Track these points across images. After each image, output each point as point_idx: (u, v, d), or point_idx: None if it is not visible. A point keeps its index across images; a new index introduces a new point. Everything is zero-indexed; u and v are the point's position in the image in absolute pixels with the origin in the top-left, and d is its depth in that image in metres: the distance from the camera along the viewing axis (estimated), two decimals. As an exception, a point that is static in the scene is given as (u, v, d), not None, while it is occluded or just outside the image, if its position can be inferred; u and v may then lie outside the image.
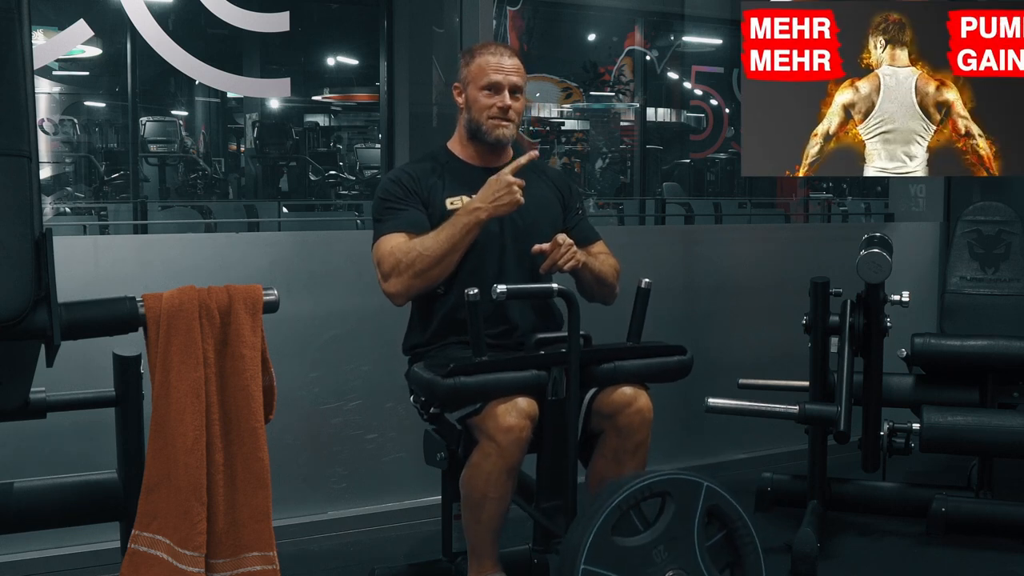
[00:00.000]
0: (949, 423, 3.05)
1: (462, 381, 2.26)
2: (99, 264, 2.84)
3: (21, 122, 1.75)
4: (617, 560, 2.05)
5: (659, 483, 2.10)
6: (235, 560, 2.02)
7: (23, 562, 2.76)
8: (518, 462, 2.30)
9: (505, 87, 2.53)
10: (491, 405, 2.28)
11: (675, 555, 2.09)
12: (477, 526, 2.35)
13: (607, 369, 2.39)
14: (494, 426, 2.26)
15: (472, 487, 2.32)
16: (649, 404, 2.41)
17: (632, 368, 2.42)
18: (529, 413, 2.28)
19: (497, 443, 2.26)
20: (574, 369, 2.31)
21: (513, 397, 2.28)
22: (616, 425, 2.40)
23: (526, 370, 2.31)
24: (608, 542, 2.04)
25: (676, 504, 2.10)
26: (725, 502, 2.14)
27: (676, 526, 2.10)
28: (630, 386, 2.40)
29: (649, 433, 2.41)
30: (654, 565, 2.07)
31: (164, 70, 5.01)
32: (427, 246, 2.41)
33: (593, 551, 2.02)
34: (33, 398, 1.96)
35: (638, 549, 2.07)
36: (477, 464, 2.30)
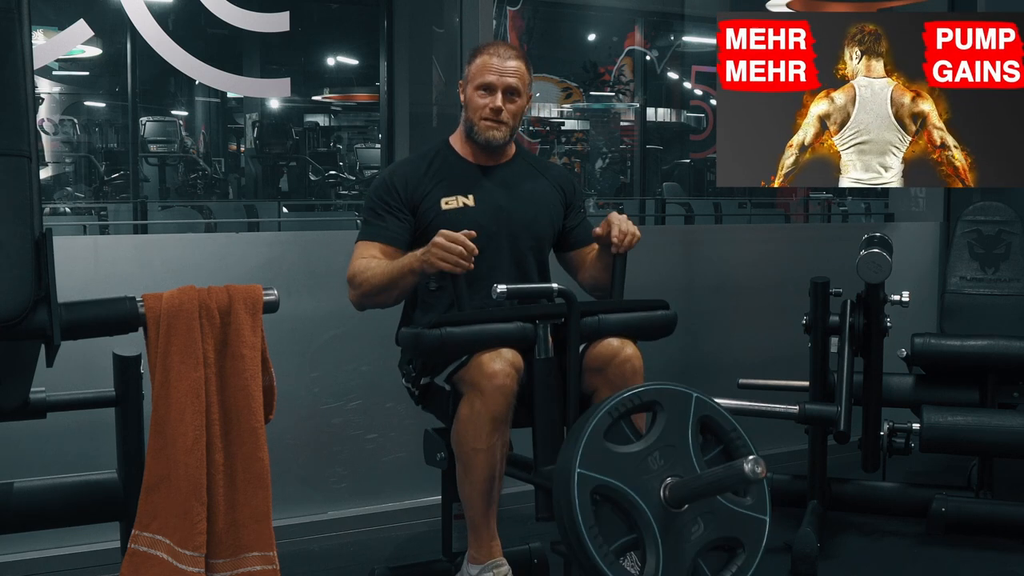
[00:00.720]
0: (949, 423, 3.05)
1: (448, 332, 2.28)
2: (99, 264, 2.84)
3: (21, 122, 1.75)
4: (613, 465, 2.05)
5: (648, 392, 2.13)
6: (235, 560, 2.02)
7: (23, 562, 2.75)
8: (504, 412, 2.30)
9: (499, 88, 2.53)
10: (476, 355, 2.30)
11: (672, 463, 2.09)
12: (471, 488, 2.34)
13: (591, 323, 2.41)
14: (478, 373, 2.28)
15: (460, 441, 2.32)
16: (638, 354, 2.42)
17: (616, 321, 2.44)
18: (514, 363, 2.29)
19: (481, 390, 2.27)
20: (574, 369, 2.31)
21: (498, 348, 2.30)
22: (607, 378, 2.40)
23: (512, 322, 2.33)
24: (602, 448, 2.05)
25: (667, 414, 2.12)
26: (717, 413, 2.16)
27: (670, 435, 2.11)
28: (616, 338, 2.41)
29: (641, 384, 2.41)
30: (651, 471, 2.07)
31: (164, 70, 5.01)
32: (374, 274, 2.45)
33: (587, 456, 2.02)
34: (33, 398, 1.97)
35: (633, 455, 2.07)
36: (463, 416, 2.32)
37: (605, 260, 2.56)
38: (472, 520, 2.38)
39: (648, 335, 2.50)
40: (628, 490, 2.04)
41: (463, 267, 2.31)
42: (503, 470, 2.37)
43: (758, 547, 2.12)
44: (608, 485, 2.03)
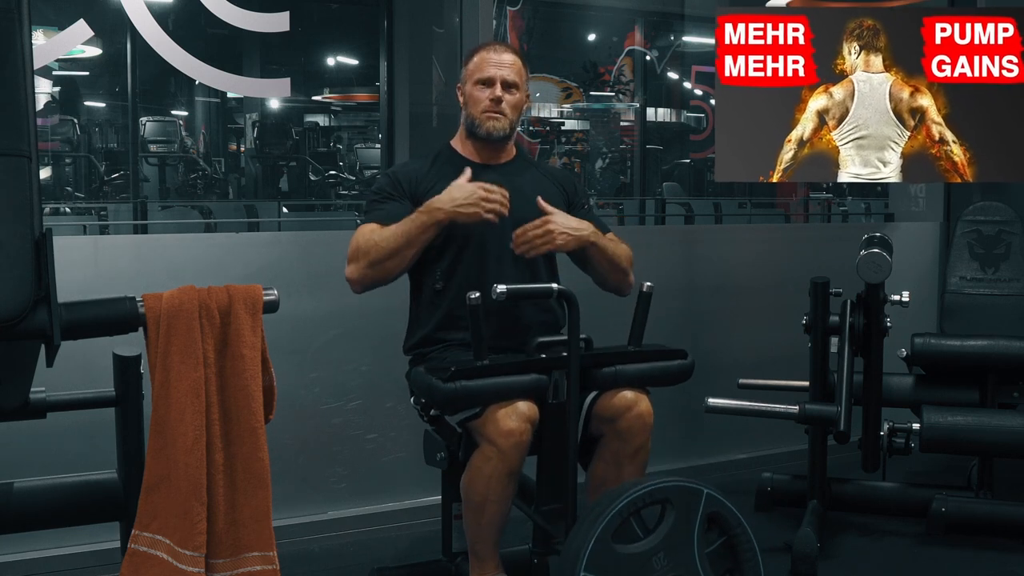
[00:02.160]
0: (949, 423, 3.05)
1: (463, 385, 2.25)
2: (99, 264, 2.84)
3: (21, 122, 1.75)
4: (617, 567, 2.05)
5: (660, 490, 2.10)
6: (235, 560, 2.02)
7: (23, 562, 2.76)
8: (518, 466, 2.30)
9: (497, 80, 2.54)
10: (491, 409, 2.28)
11: (675, 562, 2.09)
12: (478, 528, 2.35)
13: (608, 373, 2.39)
14: (495, 430, 2.26)
15: (473, 490, 2.32)
16: (650, 409, 2.41)
17: (633, 372, 2.42)
18: (529, 417, 2.28)
19: (498, 447, 2.26)
20: (574, 371, 2.31)
21: (513, 401, 2.28)
22: (616, 429, 2.40)
23: (527, 374, 2.31)
24: (608, 549, 2.04)
25: (676, 511, 2.10)
26: (725, 509, 2.14)
27: (676, 533, 2.10)
28: (631, 390, 2.40)
29: (649, 437, 2.41)
30: (654, 572, 2.07)
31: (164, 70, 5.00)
32: (384, 237, 2.42)
33: (593, 558, 2.02)
34: (33, 398, 1.96)
35: (638, 556, 2.07)
36: (478, 467, 2.30)
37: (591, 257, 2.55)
38: (475, 549, 2.39)
39: (664, 384, 2.48)
40: None
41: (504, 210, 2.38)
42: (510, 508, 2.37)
43: None
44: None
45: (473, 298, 2.27)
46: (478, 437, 2.32)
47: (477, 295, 2.27)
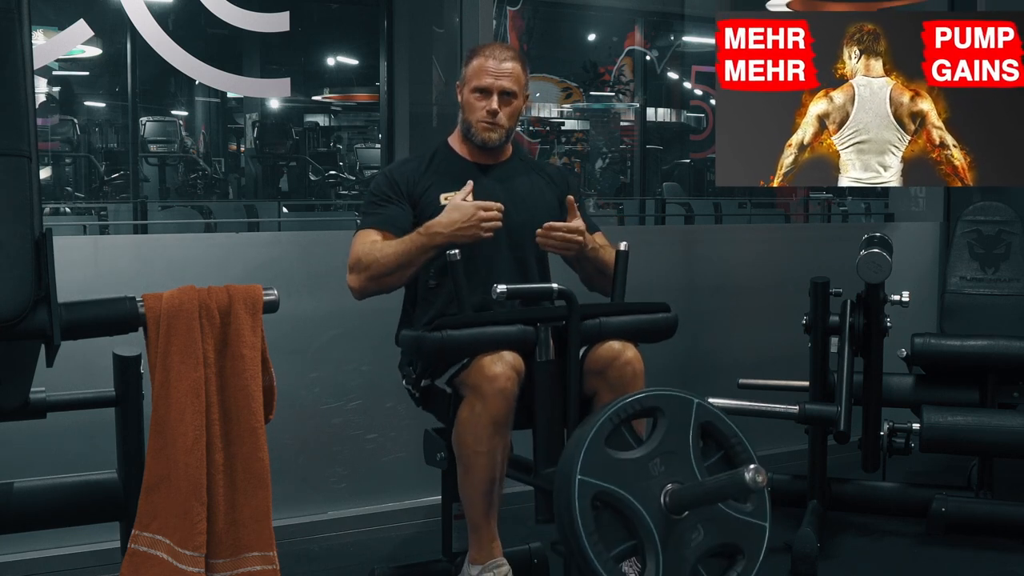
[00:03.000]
0: (949, 423, 3.05)
1: (449, 335, 2.28)
2: (99, 264, 2.84)
3: (21, 122, 1.75)
4: (613, 471, 2.05)
5: (649, 398, 2.12)
6: (235, 560, 2.02)
7: (23, 562, 2.75)
8: (504, 414, 2.29)
9: (494, 91, 2.54)
10: (477, 358, 2.30)
11: (673, 469, 2.09)
12: (471, 490, 2.34)
13: (592, 325, 2.41)
14: (479, 376, 2.27)
15: (461, 443, 2.32)
16: (639, 356, 2.42)
17: (617, 324, 2.44)
18: (515, 366, 2.29)
19: (482, 393, 2.27)
20: (574, 370, 2.31)
21: (499, 351, 2.30)
22: (608, 381, 2.40)
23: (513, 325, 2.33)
24: (603, 454, 2.05)
25: (668, 420, 2.12)
26: (718, 419, 2.16)
27: (671, 441, 2.11)
28: (617, 341, 2.41)
29: (643, 387, 2.40)
30: (652, 478, 2.07)
31: (164, 70, 5.00)
32: (385, 254, 2.44)
33: (588, 462, 2.02)
34: (33, 398, 1.96)
35: (634, 461, 2.07)
36: (464, 419, 2.31)
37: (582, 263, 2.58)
38: (472, 521, 2.38)
39: (649, 338, 2.50)
40: (629, 496, 2.04)
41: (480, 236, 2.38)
42: (504, 472, 2.37)
43: (758, 553, 2.12)
44: (609, 491, 2.03)
45: (452, 254, 2.31)
46: (464, 389, 2.34)
47: (456, 252, 2.32)
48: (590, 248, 2.55)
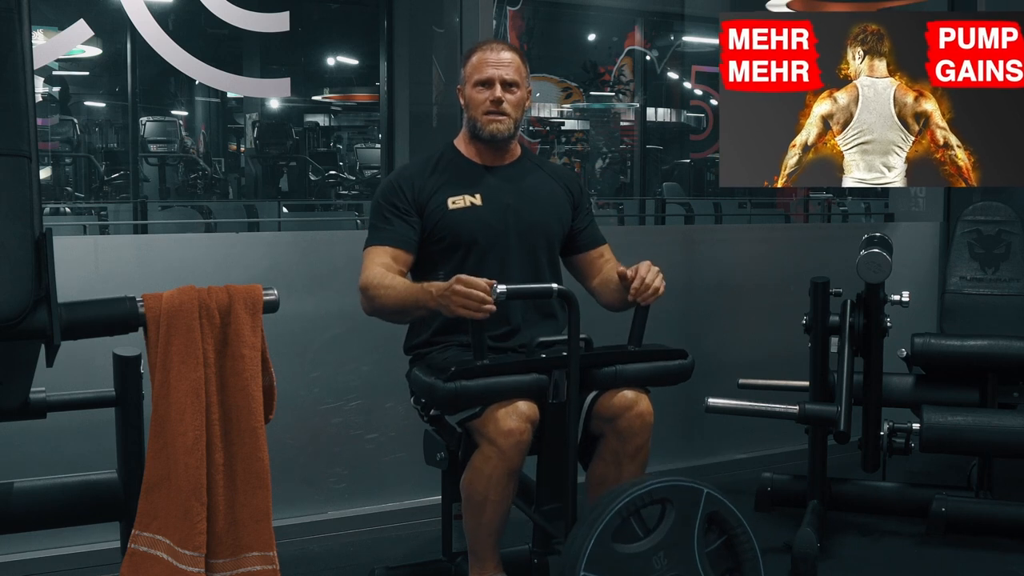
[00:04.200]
0: (949, 423, 3.05)
1: (463, 385, 2.25)
2: (99, 264, 2.84)
3: (21, 122, 1.75)
4: (617, 567, 2.05)
5: (660, 490, 2.10)
6: (235, 560, 2.02)
7: (23, 562, 2.76)
8: (519, 465, 2.30)
9: (496, 81, 2.52)
10: (491, 409, 2.27)
11: (675, 561, 2.09)
12: (478, 528, 2.35)
13: (608, 373, 2.39)
14: (495, 430, 2.26)
15: (473, 490, 2.32)
16: (650, 408, 2.40)
17: (633, 372, 2.41)
18: (529, 416, 2.28)
19: (498, 447, 2.26)
20: (574, 371, 2.31)
21: (514, 401, 2.27)
22: (616, 429, 2.39)
23: (527, 374, 2.31)
24: (608, 549, 2.04)
25: (676, 511, 2.10)
26: (725, 508, 2.14)
27: (676, 532, 2.10)
28: (631, 390, 2.40)
29: (649, 437, 2.41)
30: (654, 572, 2.08)
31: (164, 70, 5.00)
32: (388, 295, 2.41)
33: (593, 558, 2.02)
34: (33, 398, 1.96)
35: (638, 556, 2.07)
36: (478, 467, 2.30)
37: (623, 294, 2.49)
38: (475, 548, 2.39)
39: (664, 384, 2.48)
40: None
41: (483, 313, 2.24)
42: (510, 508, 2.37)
43: None
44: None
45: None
46: (478, 437, 2.32)
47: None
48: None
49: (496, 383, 2.28)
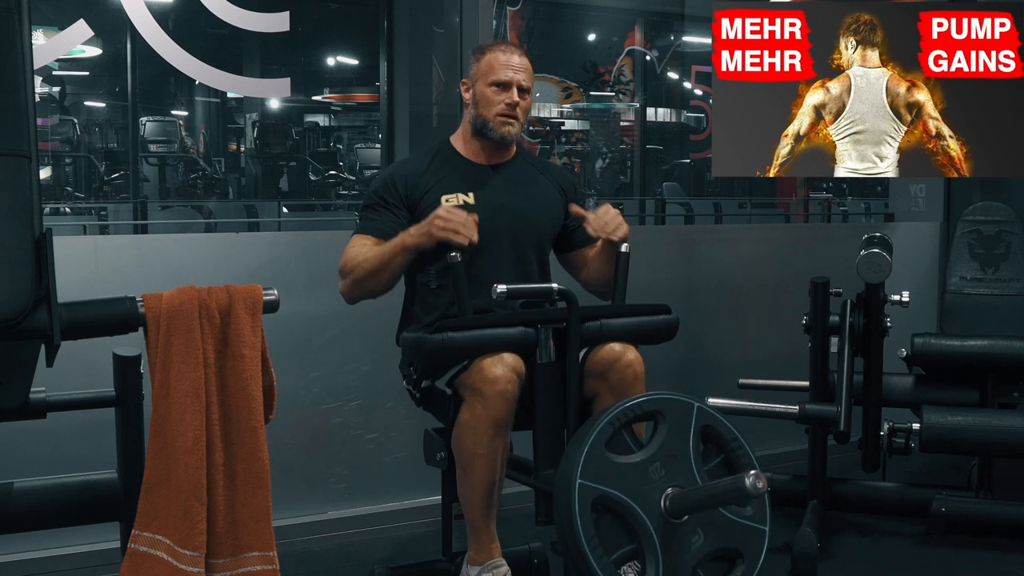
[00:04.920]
0: (949, 423, 3.05)
1: (450, 336, 2.27)
2: (99, 264, 2.84)
3: (21, 122, 1.75)
4: (614, 475, 2.05)
5: (649, 402, 2.12)
6: (235, 560, 2.02)
7: (23, 562, 2.75)
8: (504, 416, 2.29)
9: (514, 85, 2.55)
10: (477, 360, 2.29)
11: (673, 473, 2.10)
12: (471, 492, 2.34)
13: (593, 327, 2.40)
14: (479, 378, 2.27)
15: (461, 445, 2.32)
16: (639, 359, 2.41)
17: (618, 326, 2.43)
18: (515, 367, 2.29)
19: (482, 395, 2.27)
20: (574, 371, 2.31)
21: (500, 353, 2.29)
22: (609, 383, 2.39)
23: (514, 327, 2.33)
24: (603, 458, 2.05)
25: (669, 423, 2.12)
26: (718, 422, 2.16)
27: (671, 445, 2.11)
28: (618, 343, 2.41)
29: (643, 389, 2.40)
30: (652, 482, 2.08)
31: (164, 70, 5.00)
32: (366, 258, 2.46)
33: (588, 466, 2.02)
34: (33, 398, 1.97)
35: (634, 465, 2.08)
36: (464, 421, 2.31)
37: (608, 254, 2.56)
38: (472, 522, 2.38)
39: (650, 340, 2.50)
40: (629, 500, 2.05)
41: (464, 236, 2.33)
42: (504, 474, 2.37)
43: (758, 557, 2.12)
44: (609, 496, 2.03)
45: (452, 256, 2.31)
46: (464, 391, 2.33)
47: (456, 254, 2.31)
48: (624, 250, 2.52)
49: (483, 335, 2.30)
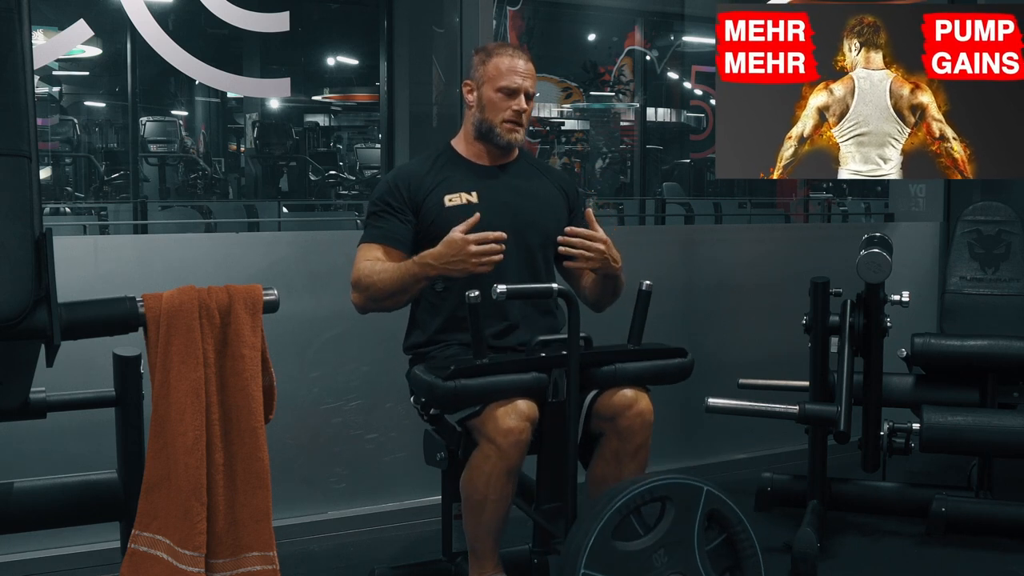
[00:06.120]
0: (949, 423, 3.05)
1: (462, 384, 2.25)
2: (99, 264, 2.84)
3: (21, 122, 1.75)
4: (617, 564, 2.05)
5: (660, 487, 2.10)
6: (235, 560, 2.02)
7: (23, 562, 2.76)
8: (518, 464, 2.30)
9: (521, 92, 2.55)
10: (491, 407, 2.27)
11: (675, 559, 2.09)
12: (478, 527, 2.35)
13: (607, 371, 2.39)
14: (494, 428, 2.26)
15: (472, 489, 2.32)
16: (650, 407, 2.40)
17: (633, 370, 2.41)
18: (529, 415, 2.28)
19: (497, 445, 2.26)
20: (573, 370, 2.31)
21: (513, 399, 2.27)
22: (617, 427, 2.39)
23: (526, 372, 2.31)
24: (608, 546, 2.04)
25: (676, 508, 2.10)
26: (725, 506, 2.14)
27: (676, 530, 2.10)
28: (631, 388, 2.40)
29: (650, 435, 2.41)
30: (654, 569, 2.08)
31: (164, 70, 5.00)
32: (382, 279, 2.44)
33: (593, 555, 2.02)
34: (33, 398, 1.96)
35: (638, 553, 2.07)
36: (477, 466, 2.30)
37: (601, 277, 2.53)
38: (475, 549, 2.38)
39: (663, 383, 2.48)
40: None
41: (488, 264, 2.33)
42: (510, 507, 2.37)
43: None
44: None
45: (472, 296, 2.27)
46: (477, 436, 2.32)
47: (476, 293, 2.27)
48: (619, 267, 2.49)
49: (495, 382, 2.28)
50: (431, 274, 2.38)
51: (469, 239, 2.34)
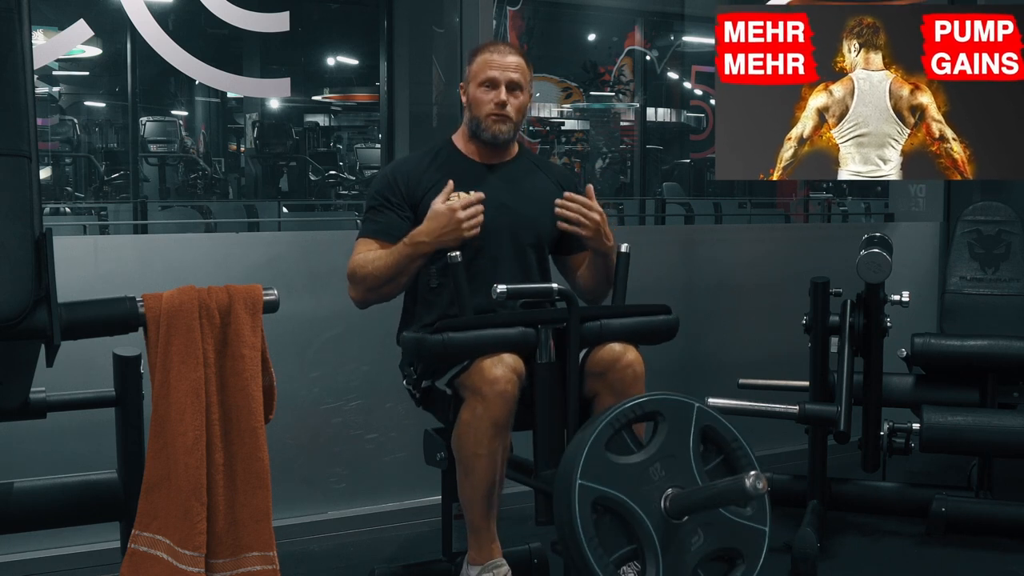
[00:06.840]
0: (949, 423, 3.05)
1: (450, 337, 2.27)
2: (99, 264, 2.84)
3: (21, 122, 1.75)
4: (614, 476, 2.05)
5: (649, 403, 2.13)
6: (235, 560, 2.02)
7: (23, 562, 2.75)
8: (505, 417, 2.29)
9: (502, 83, 2.54)
10: (477, 361, 2.29)
11: (673, 474, 2.10)
12: (471, 492, 2.34)
13: (593, 327, 2.40)
14: (479, 379, 2.27)
15: (461, 445, 2.32)
16: (639, 359, 2.41)
17: (618, 326, 2.43)
18: (515, 368, 2.29)
19: (483, 395, 2.26)
20: (574, 372, 2.31)
21: (500, 353, 2.30)
22: (608, 383, 2.40)
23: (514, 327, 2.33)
24: (603, 458, 2.05)
25: (669, 424, 2.12)
26: (719, 423, 2.16)
27: (671, 445, 2.11)
28: (618, 343, 2.41)
29: (643, 389, 2.40)
30: (652, 482, 2.08)
31: (164, 70, 5.00)
32: (377, 266, 2.46)
33: (588, 466, 2.03)
34: (33, 398, 1.97)
35: (634, 466, 2.08)
36: (465, 421, 2.31)
37: (594, 262, 2.57)
38: (472, 523, 2.38)
39: (650, 340, 2.50)
40: (629, 501, 2.05)
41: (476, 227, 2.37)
42: (504, 474, 2.37)
43: (758, 557, 2.13)
44: (609, 496, 2.03)
45: (452, 256, 2.31)
46: (465, 392, 2.33)
47: (457, 254, 2.32)
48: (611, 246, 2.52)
49: (483, 335, 2.30)
50: (425, 251, 2.41)
51: (454, 206, 2.39)
